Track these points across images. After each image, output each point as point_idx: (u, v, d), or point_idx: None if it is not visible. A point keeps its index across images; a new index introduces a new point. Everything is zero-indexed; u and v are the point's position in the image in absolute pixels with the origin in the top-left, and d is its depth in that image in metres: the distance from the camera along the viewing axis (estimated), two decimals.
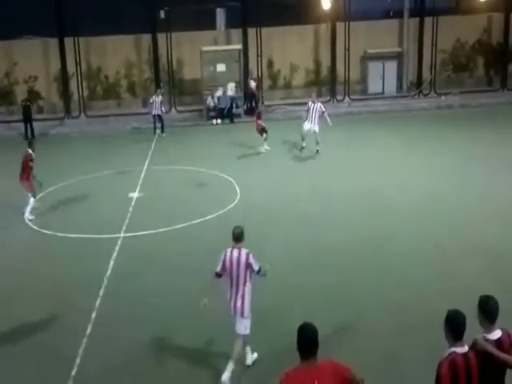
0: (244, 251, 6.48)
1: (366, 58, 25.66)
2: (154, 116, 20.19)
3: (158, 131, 20.29)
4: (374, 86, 25.52)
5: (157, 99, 20.18)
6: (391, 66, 25.57)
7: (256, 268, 6.49)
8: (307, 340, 4.11)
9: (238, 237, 6.48)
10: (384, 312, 7.87)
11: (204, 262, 9.55)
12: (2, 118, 23.84)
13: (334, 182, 13.96)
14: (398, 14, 26.82)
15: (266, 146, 17.21)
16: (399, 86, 26.15)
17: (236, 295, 6.51)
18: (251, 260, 6.44)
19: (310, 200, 12.80)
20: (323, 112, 16.60)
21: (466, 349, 4.27)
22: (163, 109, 20.60)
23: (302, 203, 12.52)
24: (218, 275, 6.56)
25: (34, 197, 12.48)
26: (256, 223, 6.82)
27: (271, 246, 9.78)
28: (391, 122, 20.86)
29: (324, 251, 10.03)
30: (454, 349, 4.25)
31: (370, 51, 25.30)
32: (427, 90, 25.13)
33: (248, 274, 6.50)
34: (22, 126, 21.14)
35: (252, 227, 7.18)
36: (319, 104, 16.76)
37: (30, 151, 12.46)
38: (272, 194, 13.24)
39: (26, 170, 12.30)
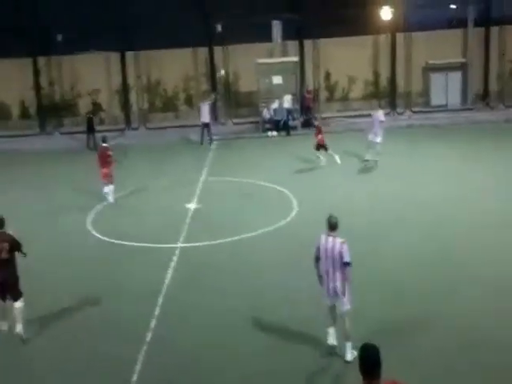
0: (338, 240, 6.70)
1: (428, 69, 24.89)
2: (202, 124, 19.87)
3: (206, 142, 19.92)
4: (437, 98, 24.68)
5: (204, 107, 19.85)
6: (455, 77, 24.67)
7: (346, 259, 6.61)
8: (369, 361, 3.96)
9: (333, 226, 6.77)
10: (446, 327, 7.54)
11: (257, 272, 9.53)
12: (67, 129, 24.75)
13: (395, 194, 13.52)
14: (461, 24, 25.91)
15: (324, 158, 16.53)
16: (464, 98, 25.15)
17: (333, 277, 6.71)
18: (344, 249, 6.62)
19: (368, 213, 12.38)
20: (381, 121, 16.31)
21: None
22: (210, 117, 20.14)
23: (359, 217, 12.08)
24: (318, 259, 6.85)
25: (112, 183, 13.76)
26: (312, 237, 6.89)
27: None
28: (454, 135, 20.08)
29: (389, 264, 9.61)
30: None
31: (431, 62, 24.53)
32: (495, 103, 24.06)
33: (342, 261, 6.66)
34: (85, 136, 21.86)
35: (307, 242, 7.12)
36: (380, 113, 16.59)
37: (106, 144, 14.11)
38: (330, 207, 12.80)
39: (107, 161, 13.77)
